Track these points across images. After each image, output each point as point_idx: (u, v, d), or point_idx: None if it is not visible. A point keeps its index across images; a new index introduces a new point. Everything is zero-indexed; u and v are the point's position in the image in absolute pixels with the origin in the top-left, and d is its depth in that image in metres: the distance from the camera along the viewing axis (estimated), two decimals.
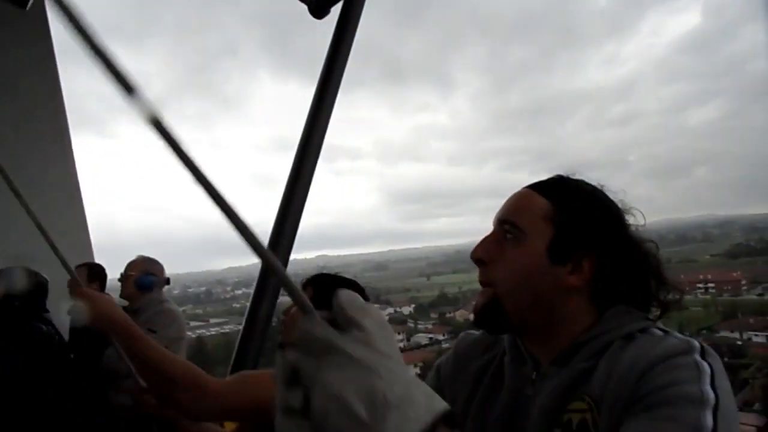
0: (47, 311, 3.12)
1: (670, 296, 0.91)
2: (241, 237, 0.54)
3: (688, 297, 0.94)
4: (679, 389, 0.70)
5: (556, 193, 0.90)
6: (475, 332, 1.06)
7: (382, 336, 0.55)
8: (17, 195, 1.12)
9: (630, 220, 0.92)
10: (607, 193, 0.93)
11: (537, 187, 0.92)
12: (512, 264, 0.88)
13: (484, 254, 0.91)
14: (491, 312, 0.89)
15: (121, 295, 3.23)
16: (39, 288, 3.09)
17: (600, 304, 0.88)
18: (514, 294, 0.87)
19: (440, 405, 0.53)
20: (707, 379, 0.71)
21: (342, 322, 0.54)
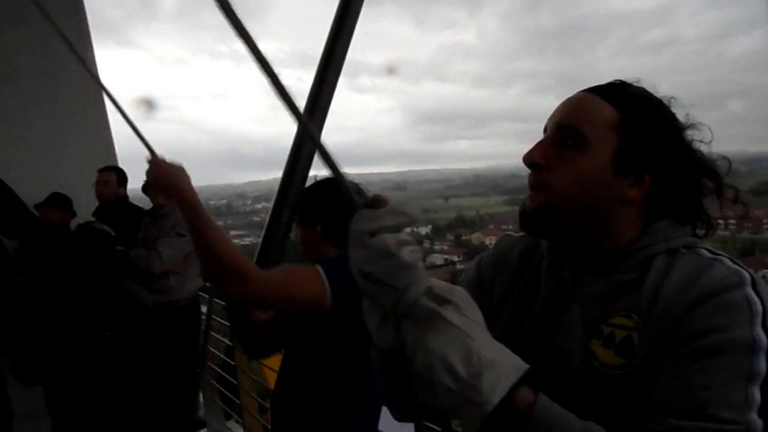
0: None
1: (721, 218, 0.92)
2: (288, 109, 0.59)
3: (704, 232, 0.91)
4: (730, 334, 0.69)
5: (623, 101, 0.86)
6: (516, 234, 1.05)
7: (470, 307, 0.64)
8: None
9: (695, 135, 0.89)
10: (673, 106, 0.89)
11: (600, 92, 0.88)
12: (575, 172, 0.85)
13: (542, 159, 0.88)
14: (544, 217, 0.87)
15: (153, 201, 3.31)
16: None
17: (650, 218, 0.87)
18: (573, 202, 0.85)
19: (523, 365, 0.64)
20: (759, 320, 0.70)
21: (436, 300, 0.62)
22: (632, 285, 0.81)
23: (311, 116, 2.46)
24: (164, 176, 1.39)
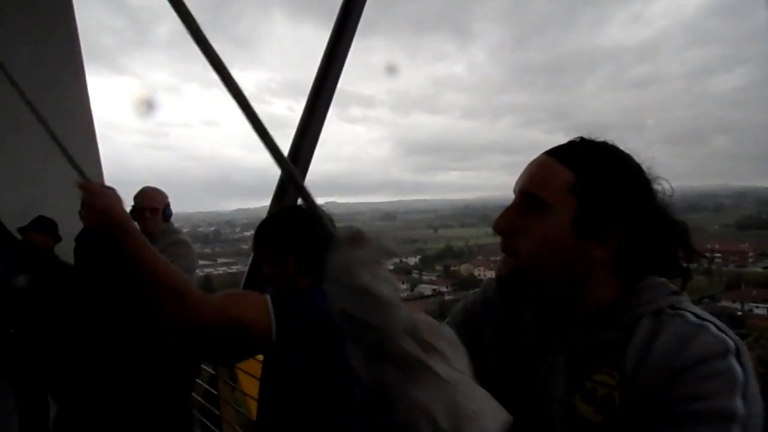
0: None
1: (695, 265, 0.90)
2: (268, 150, 0.58)
3: (692, 266, 0.92)
4: (712, 404, 0.71)
5: (580, 161, 0.86)
6: None
7: (458, 355, 0.62)
8: (31, 107, 1.09)
9: (657, 188, 0.88)
10: (634, 158, 0.89)
11: (558, 154, 0.89)
12: (536, 236, 0.86)
13: (507, 225, 0.89)
14: (513, 283, 0.89)
15: (146, 229, 3.27)
16: None
17: (624, 275, 0.87)
18: (538, 265, 0.86)
19: (506, 415, 0.61)
20: (739, 391, 0.71)
21: (421, 344, 0.60)
22: (616, 345, 0.82)
23: (300, 145, 2.46)
24: (94, 199, 1.35)
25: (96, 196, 1.34)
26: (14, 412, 3.39)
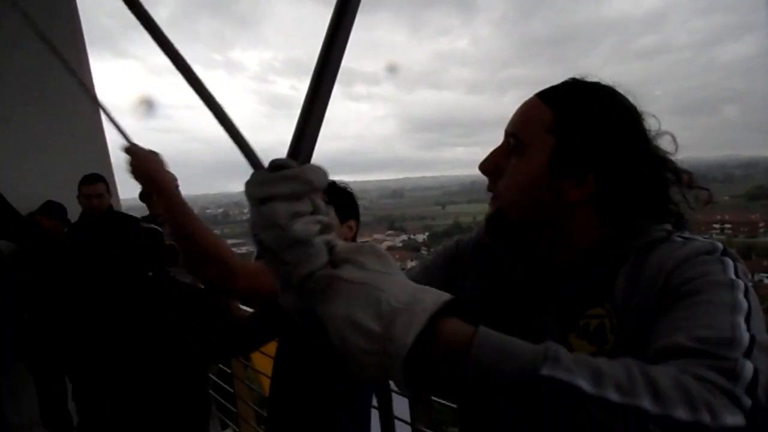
0: None
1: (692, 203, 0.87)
2: (242, 152, 0.57)
3: (704, 237, 0.90)
4: (709, 278, 0.70)
5: (562, 100, 0.85)
6: None
7: (376, 259, 0.58)
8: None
9: (648, 126, 0.85)
10: (628, 99, 0.86)
11: (543, 94, 0.87)
12: (513, 177, 0.86)
13: (490, 165, 0.90)
14: (497, 222, 0.89)
15: (156, 211, 3.29)
16: None
17: (608, 218, 0.85)
18: (516, 207, 0.86)
19: (445, 295, 0.56)
20: (731, 270, 0.71)
21: (333, 264, 0.57)
22: (607, 279, 0.81)
23: (305, 124, 2.45)
24: (140, 163, 1.35)
25: (142, 160, 1.35)
26: (32, 393, 3.46)
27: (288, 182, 0.56)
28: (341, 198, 1.59)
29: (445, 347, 0.55)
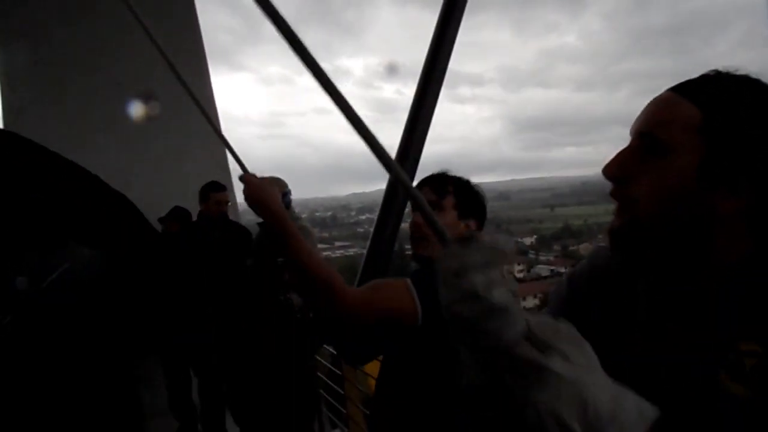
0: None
1: None
2: (374, 154, 0.58)
3: None
4: None
5: (709, 96, 0.74)
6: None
7: (580, 349, 0.57)
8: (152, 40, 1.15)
9: None
10: None
11: (684, 89, 0.77)
12: (655, 184, 0.75)
13: (620, 170, 0.78)
14: (629, 235, 0.79)
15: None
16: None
17: (760, 232, 0.74)
18: (657, 218, 0.75)
19: (650, 411, 0.56)
20: None
21: (538, 346, 0.56)
22: (758, 306, 0.71)
23: (413, 128, 2.48)
24: (254, 193, 1.43)
25: (254, 188, 1.44)
26: (161, 384, 3.75)
27: (484, 253, 0.56)
28: (467, 195, 1.58)
29: None
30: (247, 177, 1.45)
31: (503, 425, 0.57)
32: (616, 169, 0.79)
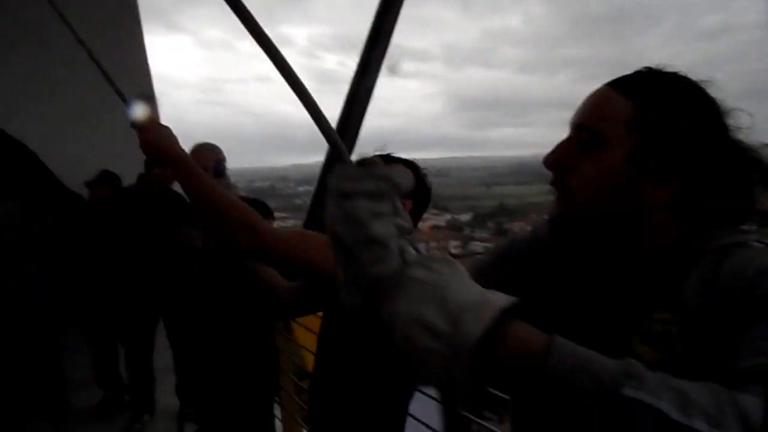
0: None
1: None
2: (314, 119, 0.57)
3: None
4: None
5: (641, 92, 0.79)
6: None
7: (444, 263, 0.57)
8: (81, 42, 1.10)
9: (731, 122, 0.79)
10: (707, 90, 0.79)
11: (619, 84, 0.81)
12: (587, 174, 0.80)
13: (559, 160, 0.83)
14: (566, 222, 0.84)
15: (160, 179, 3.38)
16: None
17: (687, 220, 0.79)
18: (591, 206, 0.80)
19: (512, 299, 0.55)
20: None
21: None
22: (675, 281, 0.76)
23: (354, 101, 2.46)
24: (149, 136, 1.35)
25: (151, 133, 1.36)
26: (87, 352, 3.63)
27: (375, 181, 0.55)
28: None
29: (517, 349, 0.55)
30: (138, 123, 1.36)
31: (384, 348, 0.56)
32: (555, 159, 0.83)
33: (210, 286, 2.40)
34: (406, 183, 0.57)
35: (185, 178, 1.31)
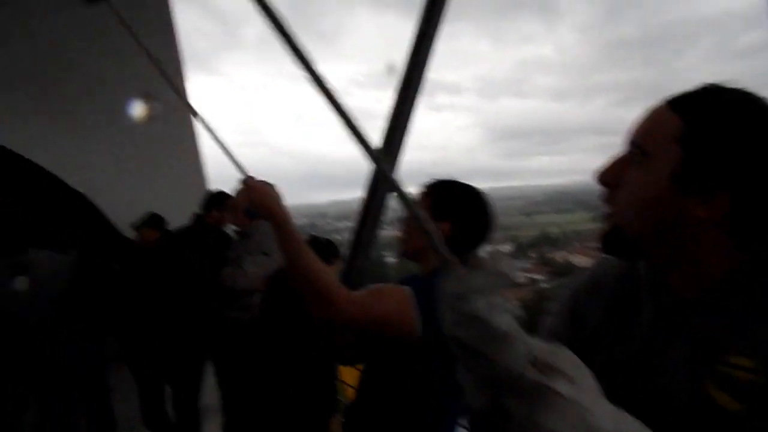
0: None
1: None
2: (358, 142, 0.58)
3: None
4: None
5: (692, 107, 0.76)
6: (612, 258, 0.93)
7: (582, 373, 0.57)
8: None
9: None
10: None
11: (673, 101, 0.79)
12: (632, 190, 0.79)
13: (607, 177, 0.83)
14: (614, 240, 0.83)
15: (233, 222, 3.46)
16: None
17: (742, 241, 0.75)
18: (634, 223, 0.79)
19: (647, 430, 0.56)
20: None
21: (542, 369, 0.55)
22: (748, 319, 0.72)
23: (392, 137, 2.49)
24: (256, 195, 1.43)
25: (259, 192, 1.43)
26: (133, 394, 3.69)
27: (487, 277, 0.55)
28: (441, 194, 1.55)
29: None
30: (250, 180, 1.45)
31: None
32: (606, 175, 0.83)
33: (269, 328, 2.42)
34: (513, 272, 0.57)
35: (285, 236, 1.39)
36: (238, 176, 1.52)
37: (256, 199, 1.43)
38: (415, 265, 1.59)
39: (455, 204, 1.50)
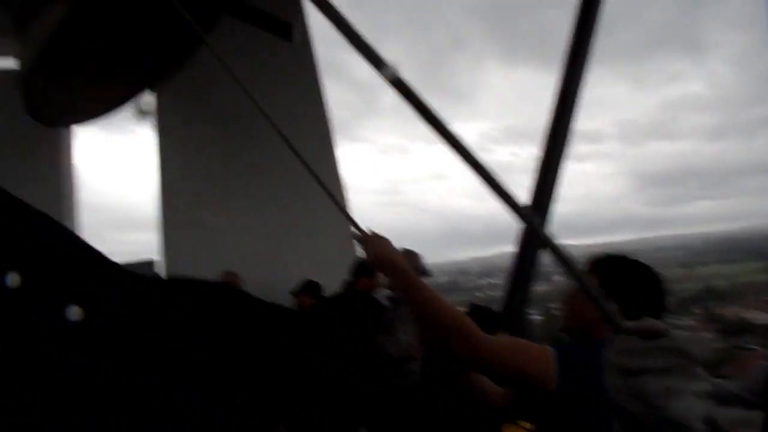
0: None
1: None
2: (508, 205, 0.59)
3: None
4: None
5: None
6: None
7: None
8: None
9: None
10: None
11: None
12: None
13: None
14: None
15: (390, 287, 3.54)
16: None
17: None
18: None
19: None
20: None
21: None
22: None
23: (542, 189, 2.45)
24: (374, 248, 1.45)
25: (376, 246, 1.48)
26: None
27: (663, 354, 0.52)
28: (611, 272, 1.51)
29: None
30: (366, 236, 1.49)
31: None
32: None
33: (432, 393, 2.43)
34: (704, 353, 0.54)
35: (407, 287, 1.42)
36: (354, 232, 1.53)
37: (374, 251, 1.45)
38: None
39: (625, 281, 1.44)
